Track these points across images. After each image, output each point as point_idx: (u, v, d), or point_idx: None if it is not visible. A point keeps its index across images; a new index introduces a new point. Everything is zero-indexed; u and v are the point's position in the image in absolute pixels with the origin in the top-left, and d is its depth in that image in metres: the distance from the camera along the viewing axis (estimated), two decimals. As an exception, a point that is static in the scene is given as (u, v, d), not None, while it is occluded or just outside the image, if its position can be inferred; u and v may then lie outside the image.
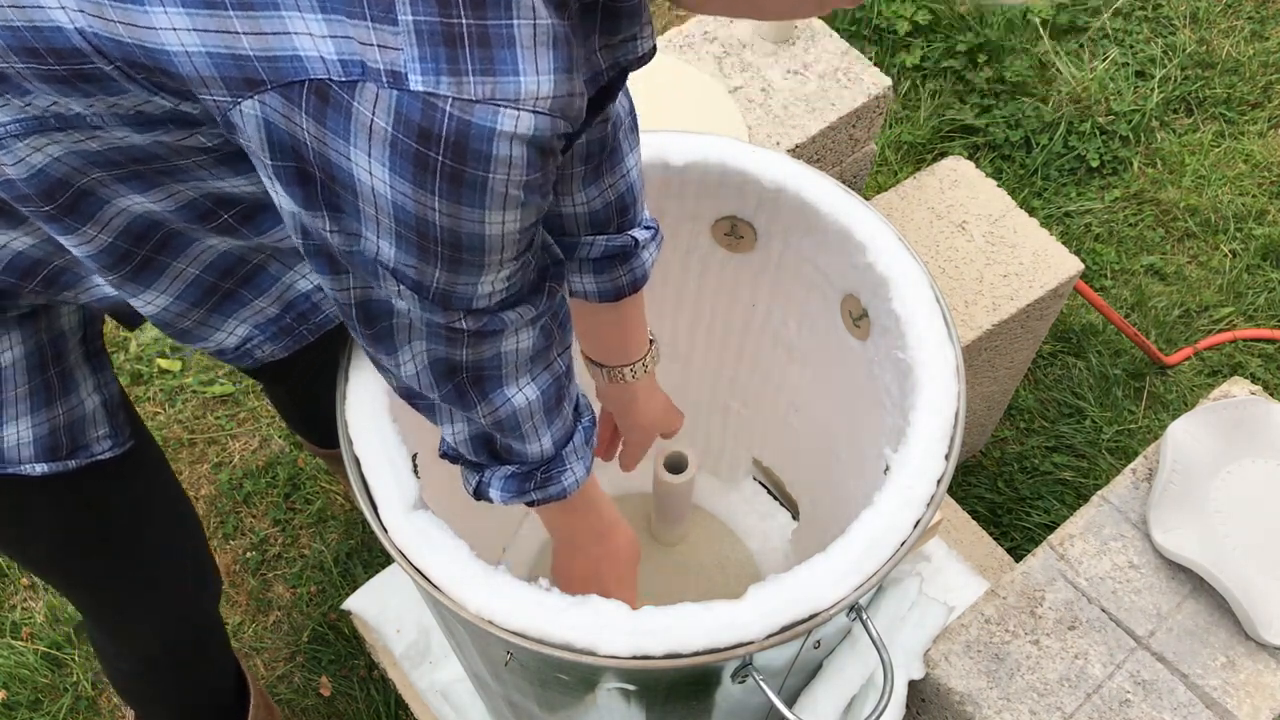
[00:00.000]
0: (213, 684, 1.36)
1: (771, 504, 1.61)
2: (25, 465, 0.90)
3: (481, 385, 0.81)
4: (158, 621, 1.17)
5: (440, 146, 0.59)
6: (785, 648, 0.92)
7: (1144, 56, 2.39)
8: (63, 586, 1.12)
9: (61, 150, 0.70)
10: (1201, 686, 1.14)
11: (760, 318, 1.34)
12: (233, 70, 0.58)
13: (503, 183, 0.61)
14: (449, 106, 0.58)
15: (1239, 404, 1.25)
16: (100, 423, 0.95)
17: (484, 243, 0.65)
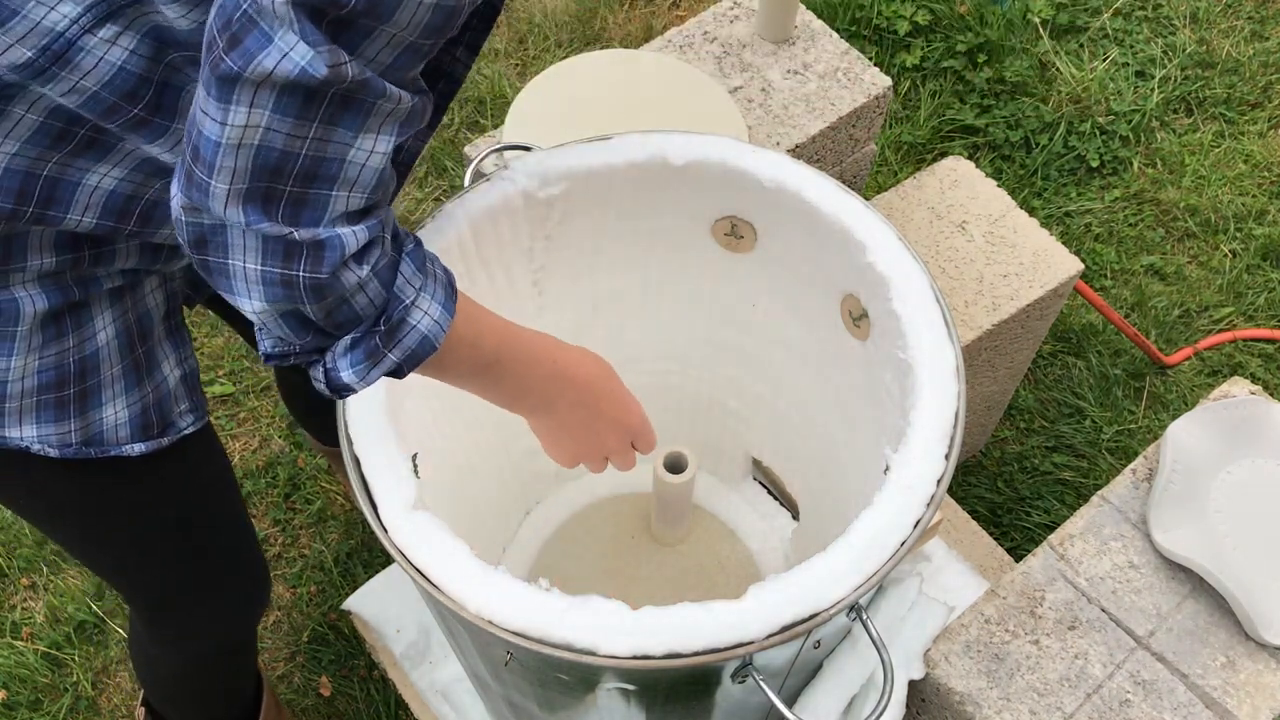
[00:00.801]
0: (242, 689, 1.37)
1: (771, 504, 1.61)
2: (125, 446, 0.91)
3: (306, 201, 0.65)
4: (216, 622, 1.18)
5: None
6: (785, 648, 0.92)
7: (1144, 56, 2.39)
8: (131, 578, 1.11)
9: (133, 39, 0.68)
10: (1201, 686, 1.14)
11: (760, 318, 1.34)
12: None
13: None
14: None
15: (1239, 404, 1.25)
16: (181, 398, 0.96)
17: None
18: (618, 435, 0.88)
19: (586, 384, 0.86)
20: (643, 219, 1.25)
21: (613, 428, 0.87)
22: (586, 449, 0.87)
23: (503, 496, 1.51)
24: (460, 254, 1.13)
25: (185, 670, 1.24)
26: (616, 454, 0.92)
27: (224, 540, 1.11)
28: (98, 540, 1.04)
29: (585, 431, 0.86)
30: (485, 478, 1.43)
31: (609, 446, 0.88)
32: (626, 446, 0.92)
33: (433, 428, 1.21)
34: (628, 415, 0.89)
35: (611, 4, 2.49)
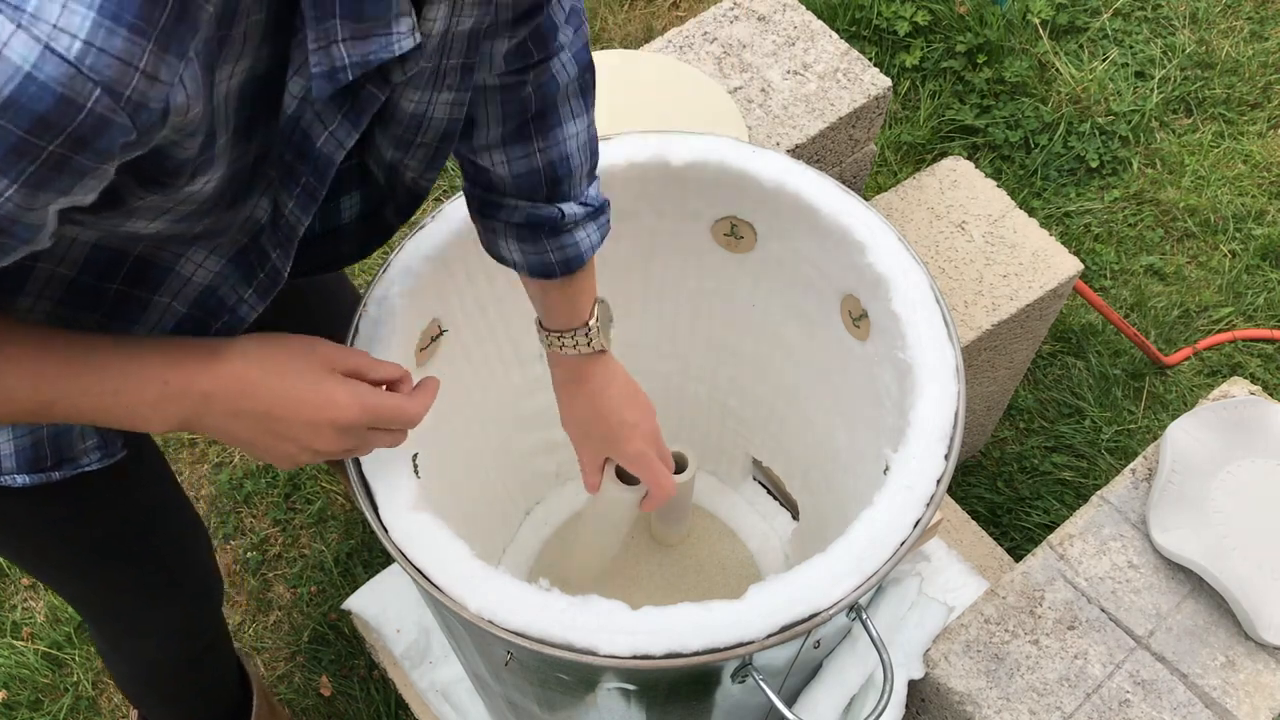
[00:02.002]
0: (214, 686, 1.36)
1: (771, 504, 1.61)
2: (6, 476, 0.86)
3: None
4: (158, 628, 1.16)
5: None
6: (785, 648, 0.92)
7: (1144, 57, 2.40)
8: (62, 593, 1.11)
9: None
10: (1201, 686, 1.14)
11: (760, 318, 1.34)
12: None
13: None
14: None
15: (1238, 404, 1.26)
16: (89, 434, 0.89)
17: None
18: (322, 438, 0.73)
19: (231, 394, 0.70)
20: (643, 219, 1.25)
21: (305, 432, 0.73)
22: (284, 458, 0.74)
23: (503, 496, 1.51)
24: (461, 254, 1.13)
25: (146, 675, 1.23)
26: (350, 448, 0.77)
27: (150, 560, 1.07)
28: (15, 558, 1.02)
29: (271, 440, 0.72)
30: (485, 478, 1.43)
31: (320, 449, 0.74)
32: (353, 439, 0.76)
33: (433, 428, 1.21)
34: (321, 412, 0.72)
35: (611, 4, 2.49)
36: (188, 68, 0.50)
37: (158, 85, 0.47)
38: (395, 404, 0.78)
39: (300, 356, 0.73)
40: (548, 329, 1.03)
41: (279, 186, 0.69)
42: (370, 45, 0.58)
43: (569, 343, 1.02)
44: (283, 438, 0.72)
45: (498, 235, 0.97)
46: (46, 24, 0.43)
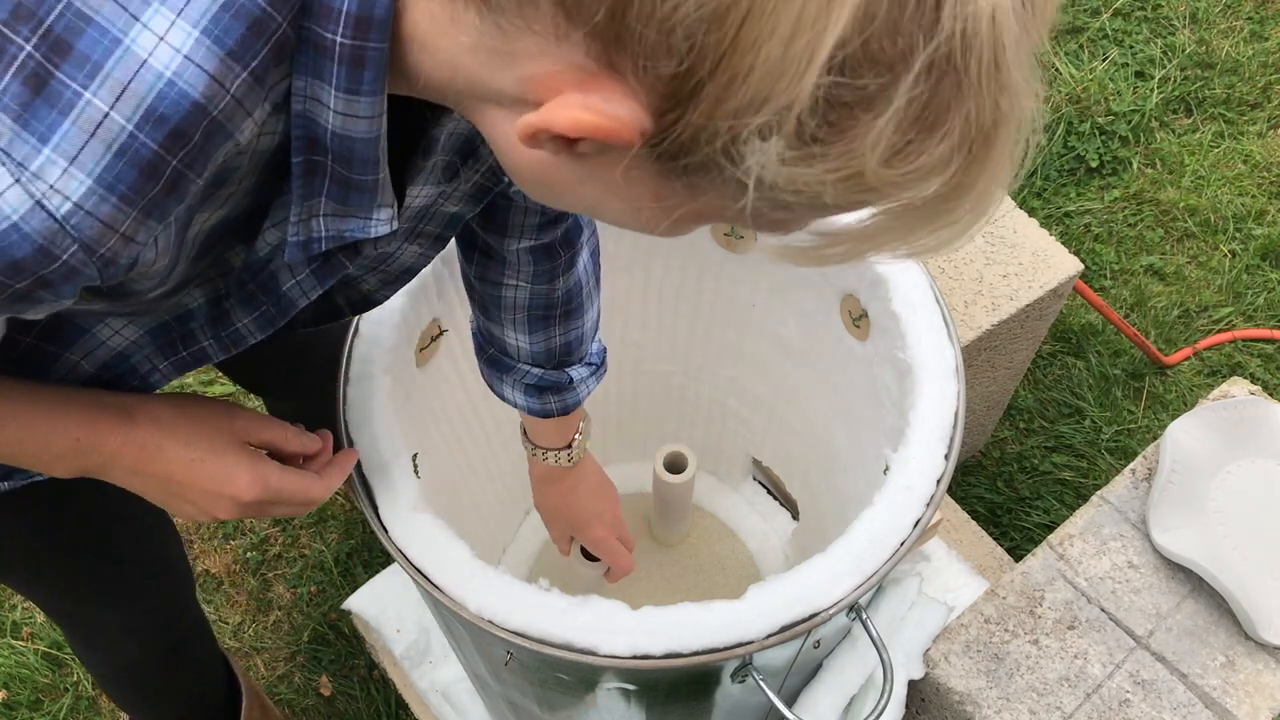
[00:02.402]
0: (196, 683, 1.34)
1: (771, 504, 1.61)
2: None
3: None
4: (129, 628, 1.15)
5: None
6: (785, 648, 0.92)
7: (1143, 57, 2.40)
8: (32, 599, 1.09)
9: None
10: (1201, 686, 1.14)
11: (760, 318, 1.34)
12: None
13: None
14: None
15: (1239, 404, 1.26)
16: None
17: None
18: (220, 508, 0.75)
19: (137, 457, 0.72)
20: (643, 219, 1.25)
21: (205, 500, 0.74)
22: (185, 517, 0.76)
23: (503, 496, 1.51)
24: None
25: (124, 675, 1.22)
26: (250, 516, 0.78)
27: (118, 561, 1.06)
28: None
29: (171, 500, 0.75)
30: (485, 478, 1.43)
31: (219, 517, 0.75)
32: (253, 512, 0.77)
33: (433, 428, 1.21)
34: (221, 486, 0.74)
35: (611, 4, 2.49)
36: (164, 229, 0.52)
37: (132, 245, 0.50)
38: (298, 486, 0.79)
39: (211, 427, 0.75)
40: (534, 444, 1.12)
41: (237, 304, 0.71)
42: (347, 224, 0.60)
43: (551, 458, 1.12)
44: (183, 500, 0.74)
45: (503, 385, 1.04)
46: (44, 183, 0.46)
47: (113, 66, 0.45)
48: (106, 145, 0.46)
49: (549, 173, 0.53)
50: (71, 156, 0.46)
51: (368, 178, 0.57)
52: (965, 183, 0.45)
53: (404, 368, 1.08)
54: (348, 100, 0.51)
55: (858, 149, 0.43)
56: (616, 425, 1.60)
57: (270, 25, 0.47)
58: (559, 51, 0.46)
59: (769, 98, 0.42)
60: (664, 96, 0.45)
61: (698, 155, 0.46)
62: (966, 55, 0.42)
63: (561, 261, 0.93)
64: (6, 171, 0.46)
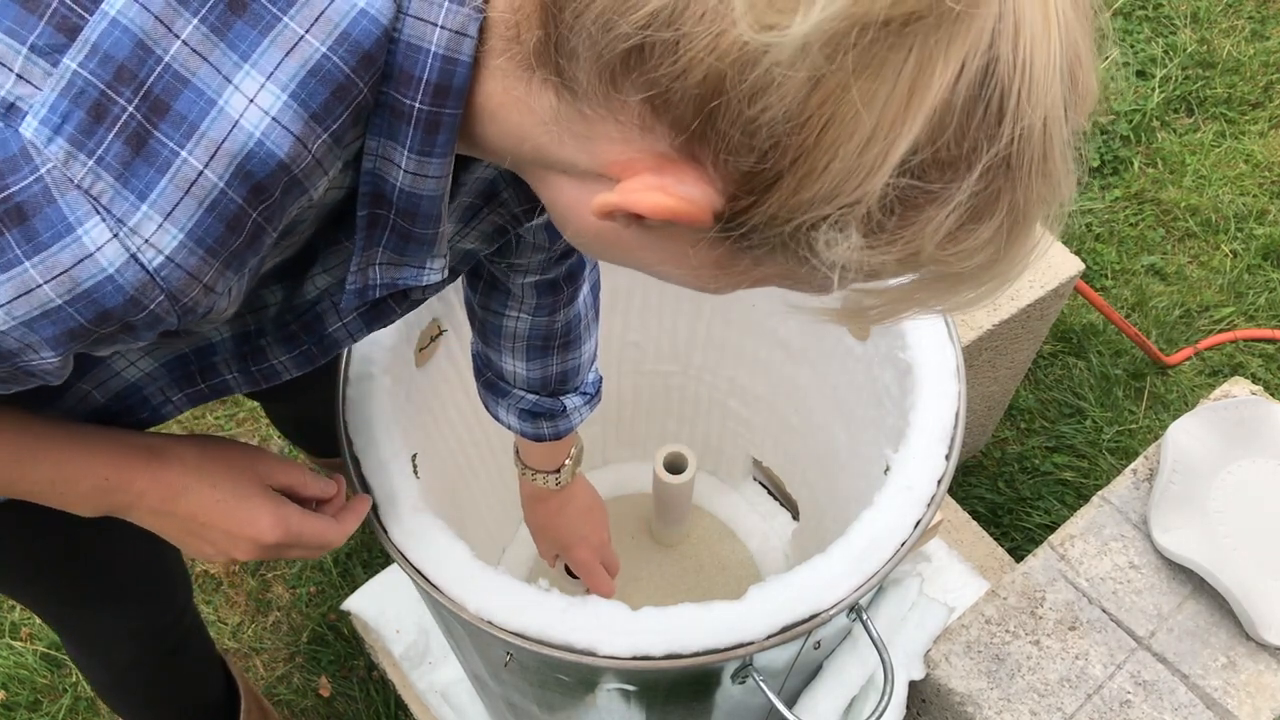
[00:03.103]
0: (193, 686, 1.34)
1: (771, 504, 1.61)
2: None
3: None
4: (126, 633, 1.15)
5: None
6: (785, 648, 0.92)
7: (1144, 56, 2.39)
8: (29, 607, 1.09)
9: None
10: (1202, 687, 1.14)
11: (760, 318, 1.34)
12: None
13: (35, 281, 0.48)
14: (45, 170, 0.46)
15: (1239, 404, 1.25)
16: None
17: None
18: (239, 549, 0.76)
19: (163, 496, 0.73)
20: (643, 219, 1.25)
21: (226, 542, 0.75)
22: (204, 557, 0.77)
23: (503, 496, 1.51)
24: (460, 254, 1.12)
25: (121, 680, 1.22)
26: (268, 559, 0.80)
27: (113, 566, 1.05)
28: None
29: (192, 541, 0.76)
30: (485, 478, 1.43)
31: (239, 559, 0.77)
32: (272, 554, 0.79)
33: (432, 428, 1.21)
34: (243, 528, 0.75)
35: (611, 4, 2.49)
36: (237, 280, 0.54)
37: (211, 295, 0.52)
38: (317, 529, 0.80)
39: (235, 469, 0.76)
40: (525, 464, 1.15)
41: (274, 341, 0.72)
42: (402, 273, 0.63)
43: (540, 480, 1.15)
44: (203, 540, 0.76)
45: (498, 407, 1.07)
46: (140, 238, 0.48)
47: (207, 126, 0.47)
48: (199, 201, 0.48)
49: (612, 238, 0.55)
50: (166, 212, 0.48)
51: (429, 231, 0.59)
52: (1005, 256, 0.50)
53: (404, 368, 1.08)
54: (420, 161, 0.54)
55: (918, 235, 0.47)
56: (616, 425, 1.60)
57: (352, 91, 0.49)
58: (641, 141, 0.48)
59: (840, 193, 0.45)
60: (739, 185, 0.47)
61: (765, 236, 0.49)
62: (1020, 156, 0.46)
63: (564, 296, 0.96)
64: (106, 228, 0.48)
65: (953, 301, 0.52)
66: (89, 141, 0.47)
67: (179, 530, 0.75)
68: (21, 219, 0.47)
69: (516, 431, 1.08)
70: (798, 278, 0.52)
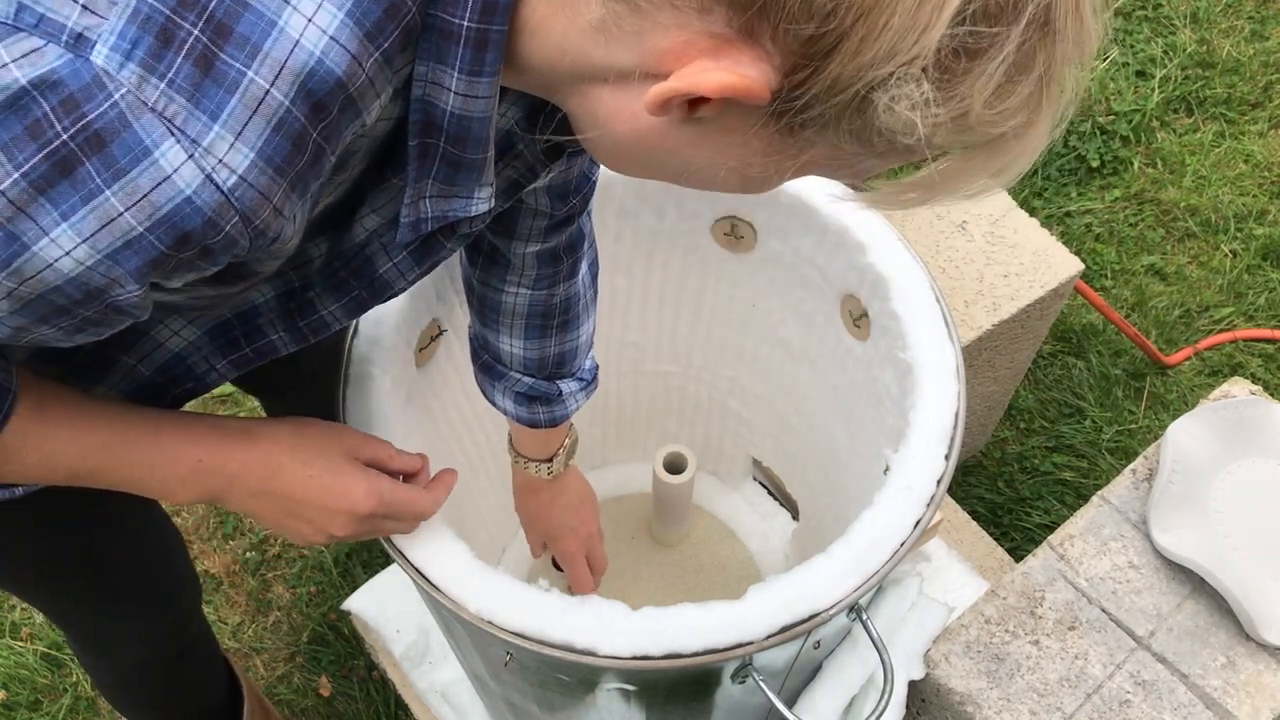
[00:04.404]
0: (199, 688, 1.35)
1: (771, 504, 1.61)
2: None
3: None
4: (133, 634, 1.15)
5: (75, 124, 0.47)
6: (785, 648, 0.92)
7: (1144, 56, 2.39)
8: (37, 607, 1.09)
9: None
10: (1202, 687, 1.14)
11: (760, 318, 1.34)
12: None
13: (116, 210, 0.49)
14: (119, 95, 0.47)
15: (1239, 404, 1.25)
16: None
17: (16, 258, 0.50)
18: (336, 523, 0.77)
19: (258, 476, 0.74)
20: (643, 219, 1.25)
21: (323, 517, 0.77)
22: (299, 537, 0.78)
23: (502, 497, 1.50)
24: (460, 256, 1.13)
25: (127, 681, 1.22)
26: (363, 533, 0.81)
27: (125, 568, 1.06)
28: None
29: (290, 521, 0.77)
30: (485, 478, 1.43)
31: (335, 534, 0.78)
32: (367, 527, 0.80)
33: (432, 428, 1.21)
34: (338, 500, 0.76)
35: (611, 4, 2.48)
36: (302, 206, 0.55)
37: (280, 218, 0.53)
38: (409, 498, 0.82)
39: (326, 445, 0.78)
40: (518, 453, 1.15)
41: (322, 291, 0.73)
42: (451, 204, 0.64)
43: (533, 469, 1.15)
44: (300, 519, 0.77)
45: (495, 391, 1.07)
46: (214, 158, 0.49)
47: (270, 47, 0.48)
48: (267, 120, 0.49)
49: (657, 141, 0.55)
50: (238, 132, 0.49)
51: (478, 156, 0.60)
52: (1037, 120, 0.52)
53: (404, 368, 1.08)
54: (470, 82, 0.55)
55: (970, 91, 0.48)
56: (616, 425, 1.60)
57: (403, 10, 0.51)
58: (700, 23, 0.49)
59: (899, 50, 0.46)
60: (799, 55, 0.48)
61: (820, 109, 0.50)
62: (1058, 8, 0.48)
63: (564, 268, 0.96)
64: (182, 149, 0.49)
65: (975, 183, 0.54)
66: (159, 65, 0.48)
67: (276, 511, 0.76)
68: (100, 146, 0.48)
69: (511, 416, 1.08)
70: (843, 159, 0.54)
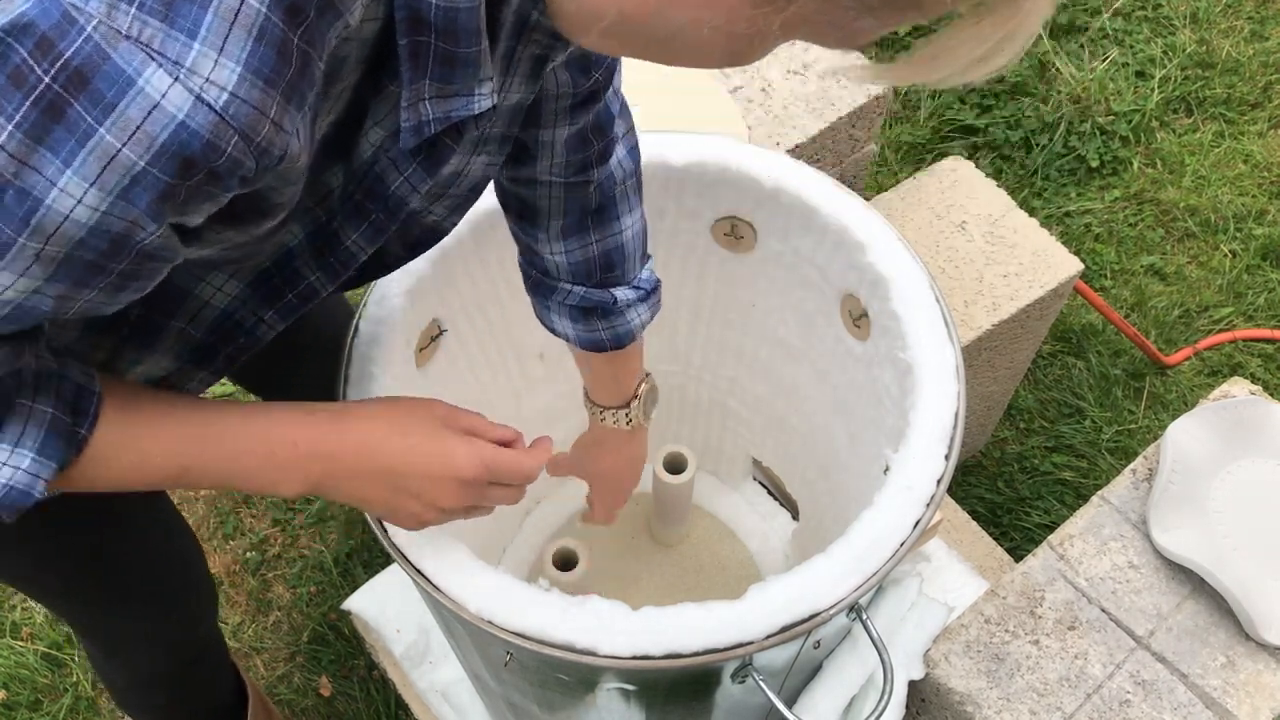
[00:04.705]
0: (210, 693, 1.35)
1: (771, 504, 1.61)
2: None
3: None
4: (154, 640, 1.16)
5: (54, 65, 0.47)
6: (785, 648, 0.92)
7: (1144, 56, 2.39)
8: (54, 608, 1.10)
9: None
10: (1201, 687, 1.14)
11: (760, 318, 1.34)
12: None
13: (113, 146, 0.48)
14: (90, 27, 0.46)
15: (1239, 404, 1.25)
16: None
17: (33, 215, 0.50)
18: (445, 493, 0.76)
19: (357, 453, 0.73)
20: (643, 219, 1.25)
21: (429, 487, 0.75)
22: (410, 517, 0.77)
23: (503, 496, 1.51)
24: (460, 255, 1.13)
25: (141, 688, 1.23)
26: (469, 508, 0.80)
27: (143, 568, 1.06)
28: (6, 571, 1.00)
29: (396, 498, 0.75)
30: (485, 478, 1.43)
31: (444, 505, 0.76)
32: (474, 495, 0.78)
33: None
34: (443, 467, 0.75)
35: (611, 4, 2.48)
36: (303, 120, 0.54)
37: (282, 134, 0.52)
38: (512, 457, 0.79)
39: (421, 415, 0.76)
40: (594, 402, 1.13)
41: (344, 221, 0.72)
42: (452, 104, 0.63)
43: (610, 418, 1.12)
44: (407, 494, 0.75)
45: (551, 311, 1.03)
46: (200, 77, 0.48)
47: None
48: (247, 30, 0.48)
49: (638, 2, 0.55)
50: (219, 47, 0.48)
51: (471, 49, 0.59)
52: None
53: (404, 368, 1.08)
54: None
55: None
56: (616, 425, 1.60)
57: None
58: None
59: None
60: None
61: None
62: None
63: (594, 152, 0.91)
64: (165, 72, 0.48)
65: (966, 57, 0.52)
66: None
67: (381, 489, 0.74)
68: (83, 82, 0.47)
69: (573, 341, 1.03)
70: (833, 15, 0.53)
